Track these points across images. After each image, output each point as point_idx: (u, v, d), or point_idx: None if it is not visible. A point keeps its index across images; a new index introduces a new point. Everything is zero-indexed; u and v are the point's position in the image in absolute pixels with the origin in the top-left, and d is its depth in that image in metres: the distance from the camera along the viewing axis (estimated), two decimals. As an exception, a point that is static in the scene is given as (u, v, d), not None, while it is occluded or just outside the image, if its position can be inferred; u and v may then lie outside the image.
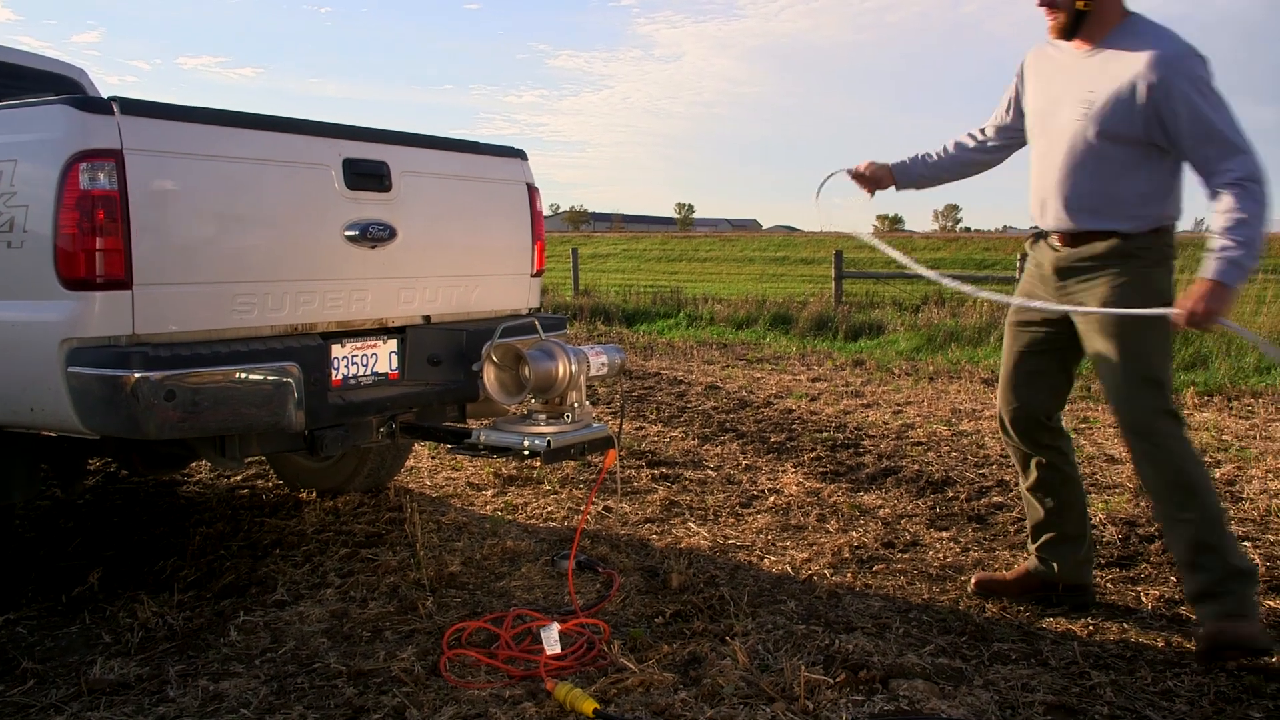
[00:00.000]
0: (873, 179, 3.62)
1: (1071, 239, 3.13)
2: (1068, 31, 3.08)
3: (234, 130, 3.10)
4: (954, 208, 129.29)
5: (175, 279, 2.92)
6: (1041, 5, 3.09)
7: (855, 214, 3.74)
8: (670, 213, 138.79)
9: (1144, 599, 3.48)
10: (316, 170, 3.31)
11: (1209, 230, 2.85)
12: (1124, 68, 2.94)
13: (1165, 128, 2.90)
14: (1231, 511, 4.51)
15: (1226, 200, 2.82)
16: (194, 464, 4.78)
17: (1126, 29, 3.01)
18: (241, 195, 3.09)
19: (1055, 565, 3.38)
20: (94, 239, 2.75)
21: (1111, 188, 3.03)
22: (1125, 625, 3.25)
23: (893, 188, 3.63)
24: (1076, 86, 3.06)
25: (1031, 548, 3.46)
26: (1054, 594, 3.39)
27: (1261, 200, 2.81)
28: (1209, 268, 2.81)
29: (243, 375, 2.95)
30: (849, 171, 3.65)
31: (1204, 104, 2.85)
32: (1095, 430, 6.39)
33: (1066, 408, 7.07)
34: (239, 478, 5.20)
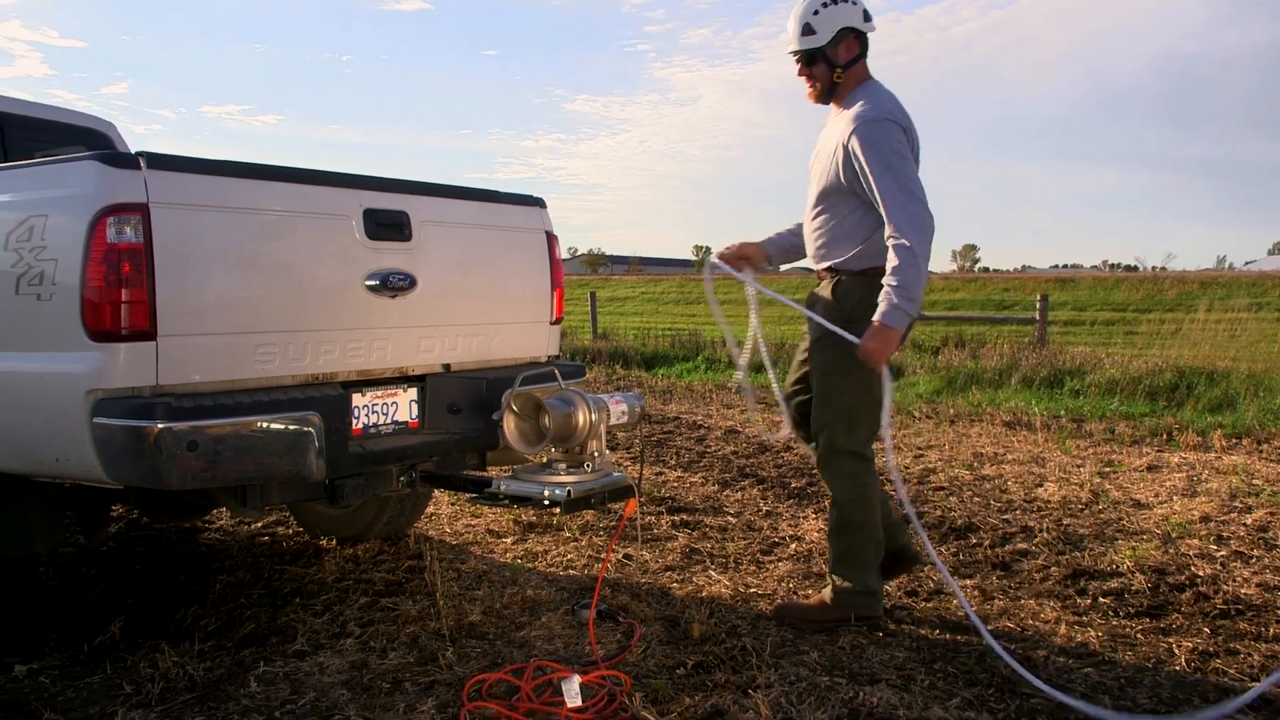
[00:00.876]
0: (743, 257, 3.83)
1: (818, 276, 3.66)
2: (824, 98, 3.60)
3: (256, 182, 3.13)
4: (972, 248, 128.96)
5: (198, 329, 2.94)
6: (801, 75, 3.58)
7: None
8: (688, 255, 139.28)
9: (1177, 650, 3.42)
10: (338, 221, 3.34)
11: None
12: (837, 126, 3.48)
13: (859, 180, 3.40)
14: (1265, 560, 4.44)
15: (890, 255, 3.31)
16: (215, 510, 4.78)
17: (856, 94, 3.51)
18: (264, 246, 3.12)
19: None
20: (120, 291, 2.78)
21: (835, 230, 3.54)
22: (1158, 679, 3.20)
23: (767, 263, 3.85)
24: (821, 142, 3.59)
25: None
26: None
27: (910, 258, 3.27)
28: (879, 312, 3.31)
29: (264, 425, 2.96)
30: (718, 256, 3.86)
31: (878, 164, 3.32)
32: (1120, 474, 6.32)
33: (1090, 450, 7.01)
34: (259, 525, 5.20)
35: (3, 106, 4.88)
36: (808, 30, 3.47)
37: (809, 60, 3.53)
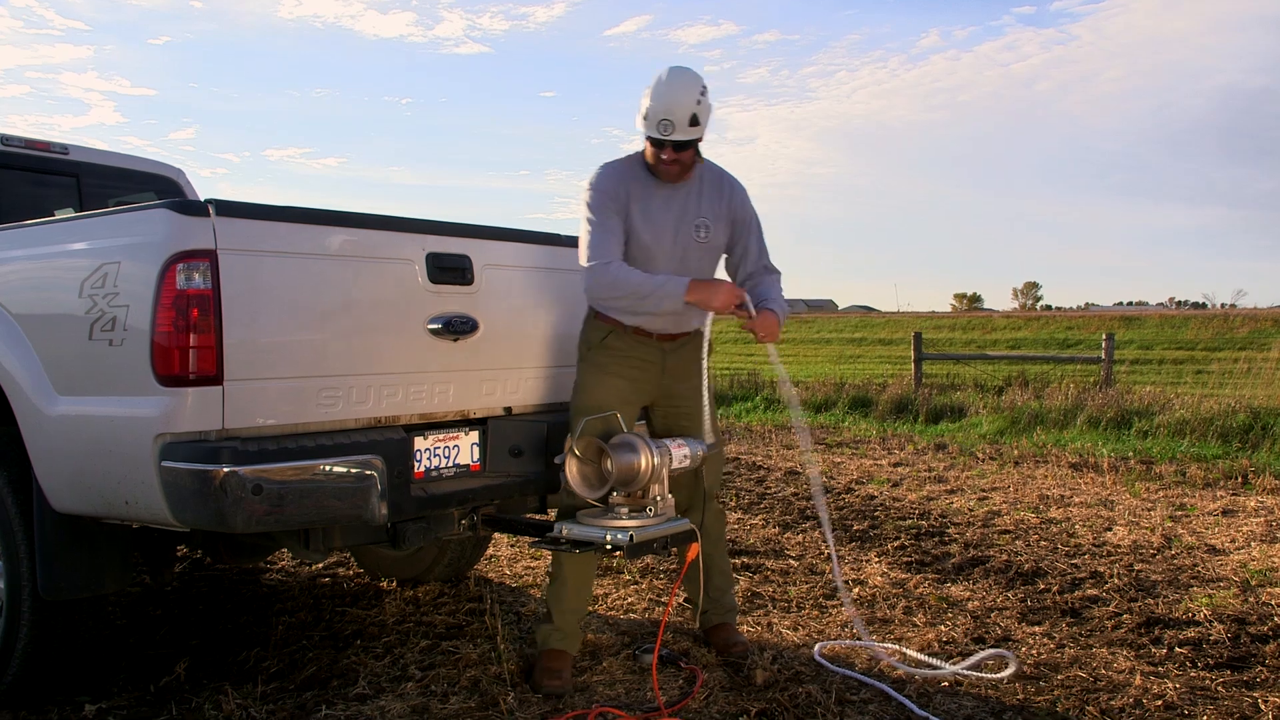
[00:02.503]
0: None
1: (675, 337, 3.70)
2: (680, 178, 3.62)
3: (321, 228, 3.17)
4: (1034, 285, 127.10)
5: (263, 374, 2.97)
6: (669, 159, 3.51)
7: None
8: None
9: (1263, 706, 3.28)
10: (401, 265, 3.37)
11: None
12: (719, 197, 3.70)
13: (737, 232, 3.75)
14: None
15: (775, 276, 3.80)
16: (277, 551, 4.82)
17: (706, 169, 3.72)
18: (328, 291, 3.15)
19: None
20: (188, 336, 2.82)
21: None
22: (1240, 733, 3.07)
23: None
24: (689, 214, 3.64)
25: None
26: None
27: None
28: (773, 307, 3.64)
29: (328, 469, 2.98)
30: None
31: (757, 219, 3.82)
32: (1193, 518, 6.14)
33: (1160, 493, 6.84)
34: (320, 566, 5.23)
35: (81, 157, 5.05)
36: (695, 121, 3.46)
37: (684, 147, 3.52)
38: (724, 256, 3.82)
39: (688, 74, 3.50)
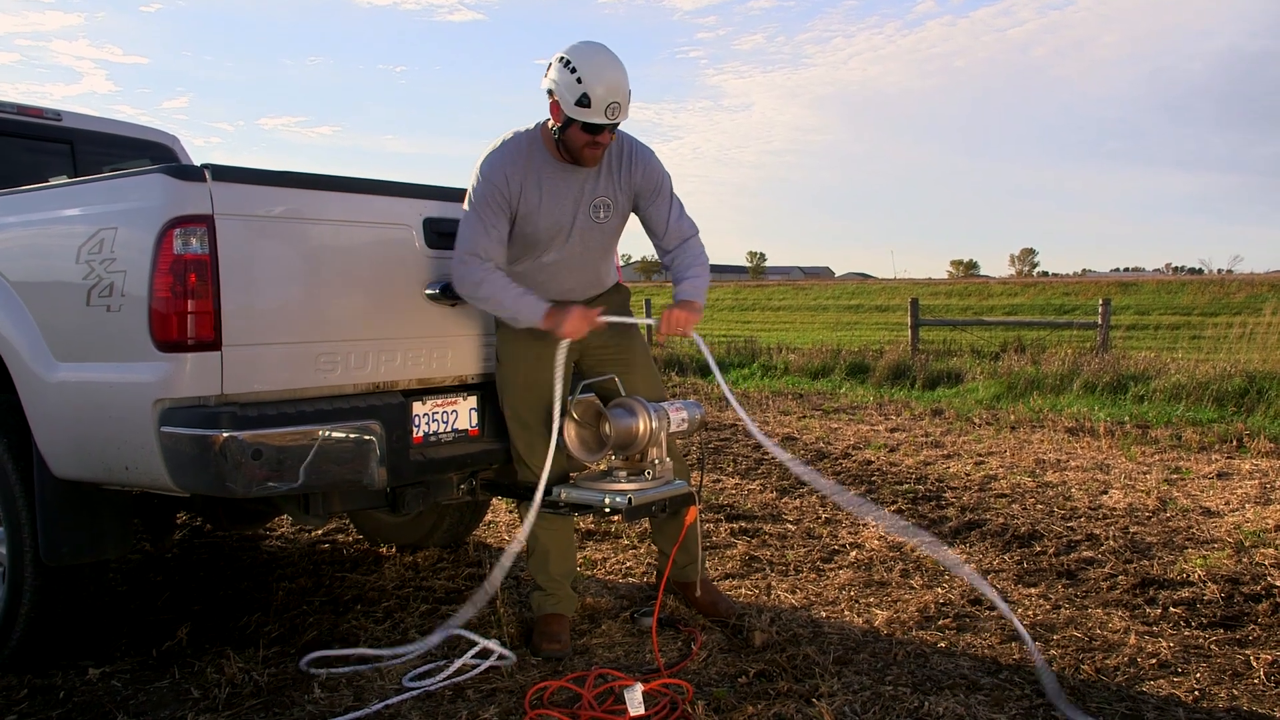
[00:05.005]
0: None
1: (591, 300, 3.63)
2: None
3: (318, 193, 3.16)
4: (1030, 251, 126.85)
5: (262, 339, 2.97)
6: (602, 140, 3.28)
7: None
8: (742, 261, 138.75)
9: (1254, 663, 3.32)
10: (398, 230, 3.36)
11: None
12: (621, 172, 3.48)
13: (644, 202, 3.56)
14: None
15: (692, 242, 3.61)
16: (276, 517, 4.84)
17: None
18: (326, 256, 3.15)
19: None
20: (186, 302, 2.82)
21: (611, 255, 3.73)
22: (1235, 692, 3.10)
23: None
24: (587, 194, 3.44)
25: None
26: None
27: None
28: (688, 291, 3.51)
29: (326, 433, 2.98)
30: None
31: (668, 182, 3.60)
32: (1189, 481, 6.17)
33: (1156, 457, 6.86)
34: (320, 532, 5.25)
35: (73, 123, 5.02)
36: (629, 97, 3.26)
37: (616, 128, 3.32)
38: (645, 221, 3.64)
39: (607, 49, 3.25)
